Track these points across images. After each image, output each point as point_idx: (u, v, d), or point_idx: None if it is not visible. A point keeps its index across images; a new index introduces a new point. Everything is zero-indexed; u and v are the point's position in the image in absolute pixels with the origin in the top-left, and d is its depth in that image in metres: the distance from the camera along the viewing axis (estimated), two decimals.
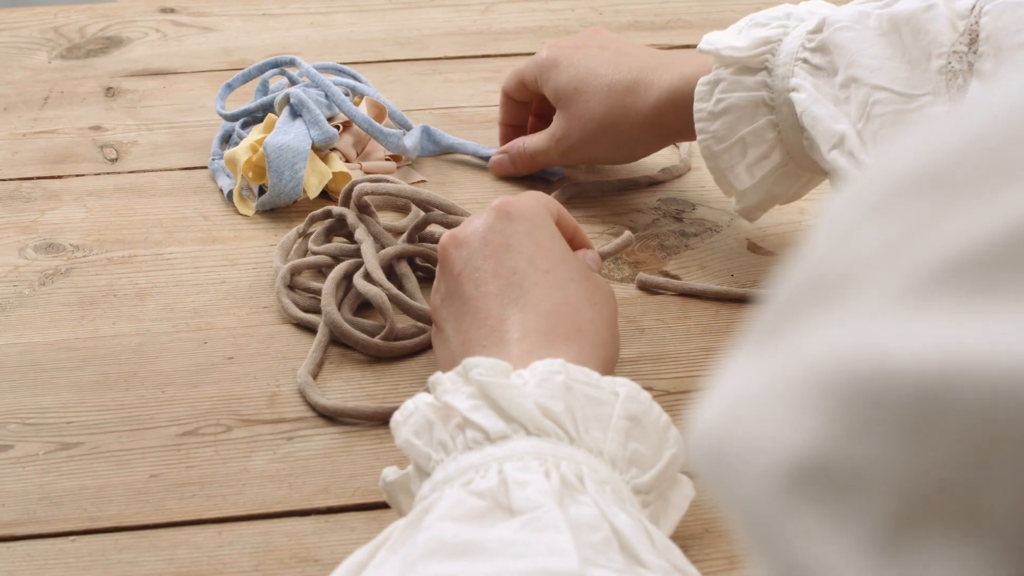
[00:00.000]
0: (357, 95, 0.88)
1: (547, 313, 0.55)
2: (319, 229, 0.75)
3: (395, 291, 0.68)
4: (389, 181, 0.75)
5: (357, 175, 0.82)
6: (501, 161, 0.83)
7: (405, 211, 0.80)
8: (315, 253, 0.73)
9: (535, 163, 0.82)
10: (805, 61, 0.65)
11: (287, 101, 0.83)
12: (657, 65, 0.75)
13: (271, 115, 0.84)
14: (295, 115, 0.82)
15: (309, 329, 0.69)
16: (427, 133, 0.87)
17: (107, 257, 0.76)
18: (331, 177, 0.80)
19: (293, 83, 0.88)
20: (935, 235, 0.21)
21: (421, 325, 0.68)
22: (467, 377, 0.49)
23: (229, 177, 0.83)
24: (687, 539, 0.52)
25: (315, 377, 0.65)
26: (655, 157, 0.87)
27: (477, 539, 0.41)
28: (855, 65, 0.63)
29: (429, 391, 0.50)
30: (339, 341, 0.68)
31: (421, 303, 0.69)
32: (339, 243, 0.75)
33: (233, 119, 0.87)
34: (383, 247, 0.73)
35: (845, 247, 0.23)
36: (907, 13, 0.62)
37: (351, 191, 0.74)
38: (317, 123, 0.81)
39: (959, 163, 0.22)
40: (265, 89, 0.88)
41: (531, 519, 0.42)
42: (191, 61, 1.02)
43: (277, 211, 0.80)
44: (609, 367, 0.56)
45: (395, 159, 0.86)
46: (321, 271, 0.73)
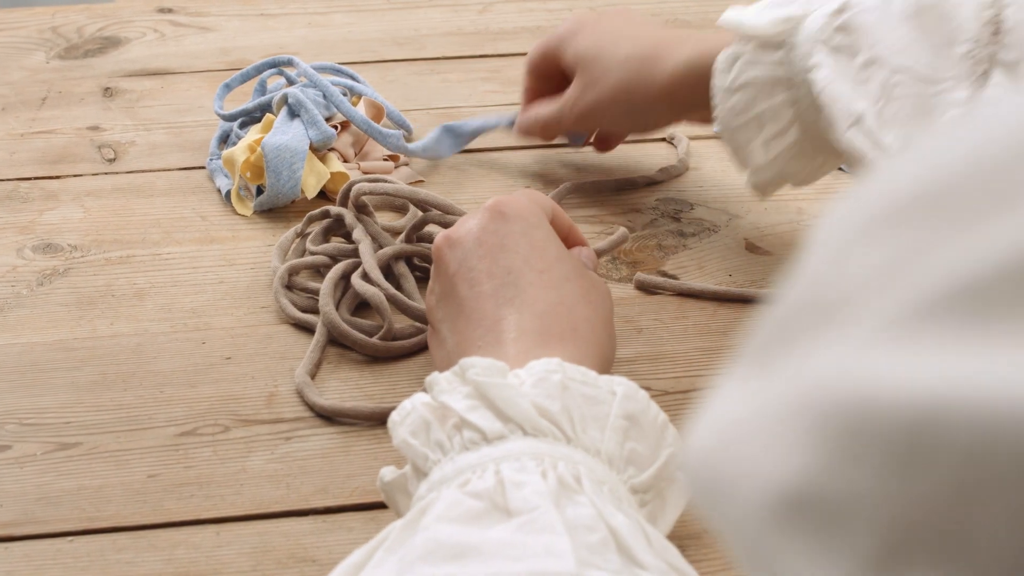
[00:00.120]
0: (355, 95, 0.88)
1: (542, 312, 0.55)
2: (317, 229, 0.75)
3: (393, 291, 0.68)
4: (387, 181, 0.75)
5: (355, 175, 0.82)
6: (521, 127, 0.84)
7: (403, 211, 0.80)
8: (313, 253, 0.73)
9: (548, 128, 0.82)
10: (826, 41, 0.65)
11: (285, 101, 0.83)
12: (677, 39, 0.75)
13: (269, 115, 0.84)
14: (293, 115, 0.82)
15: (307, 329, 0.69)
16: (447, 131, 0.86)
17: (105, 257, 0.76)
18: (329, 177, 0.80)
19: (291, 83, 0.88)
20: (929, 262, 0.21)
21: (419, 325, 0.68)
22: (464, 377, 0.49)
23: (227, 177, 0.83)
24: (685, 539, 0.52)
25: (313, 377, 0.65)
26: (654, 157, 0.87)
27: (474, 541, 0.41)
28: (877, 46, 0.62)
29: (426, 391, 0.50)
30: (337, 341, 0.68)
31: (419, 303, 0.69)
32: (337, 243, 0.75)
33: (231, 119, 0.87)
34: (381, 247, 0.73)
35: (839, 269, 0.23)
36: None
37: (349, 191, 0.74)
38: (315, 123, 0.81)
39: (954, 187, 0.22)
40: (263, 89, 0.88)
41: (528, 520, 0.42)
42: (189, 61, 1.02)
43: (275, 211, 0.80)
44: (606, 365, 0.56)
45: (393, 159, 0.86)
46: (319, 271, 0.73)
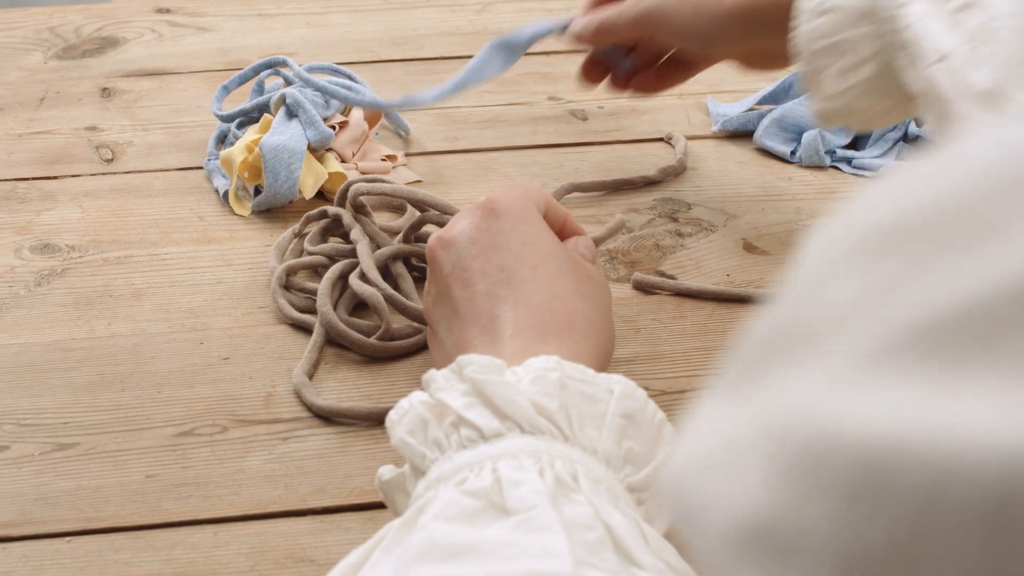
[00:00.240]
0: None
1: (537, 308, 0.55)
2: (315, 229, 0.75)
3: (391, 291, 0.68)
4: (385, 181, 0.75)
5: (353, 175, 0.82)
6: (575, 28, 0.80)
7: (401, 211, 0.80)
8: (311, 253, 0.73)
9: (602, 29, 0.78)
10: None
11: (283, 101, 0.83)
12: None
13: (267, 115, 0.84)
14: (291, 115, 0.82)
15: (305, 329, 0.69)
16: (498, 47, 0.82)
17: (103, 258, 0.76)
18: (327, 177, 0.80)
19: (288, 84, 0.88)
20: (900, 298, 0.21)
21: (417, 325, 0.68)
22: (461, 375, 0.48)
23: (225, 177, 0.83)
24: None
25: (311, 377, 0.65)
26: (651, 156, 0.87)
27: (470, 540, 0.41)
28: None
29: (424, 389, 0.50)
30: (335, 341, 0.68)
31: (417, 303, 0.69)
32: (335, 243, 0.75)
33: (229, 120, 0.87)
34: (379, 247, 0.73)
35: (816, 297, 0.23)
36: None
37: (347, 191, 0.74)
38: (313, 123, 0.81)
39: (929, 221, 0.22)
40: (261, 89, 0.88)
41: (525, 519, 0.42)
42: (187, 61, 1.02)
43: (273, 211, 0.80)
44: (604, 358, 0.56)
45: (391, 159, 0.86)
46: (317, 271, 0.73)
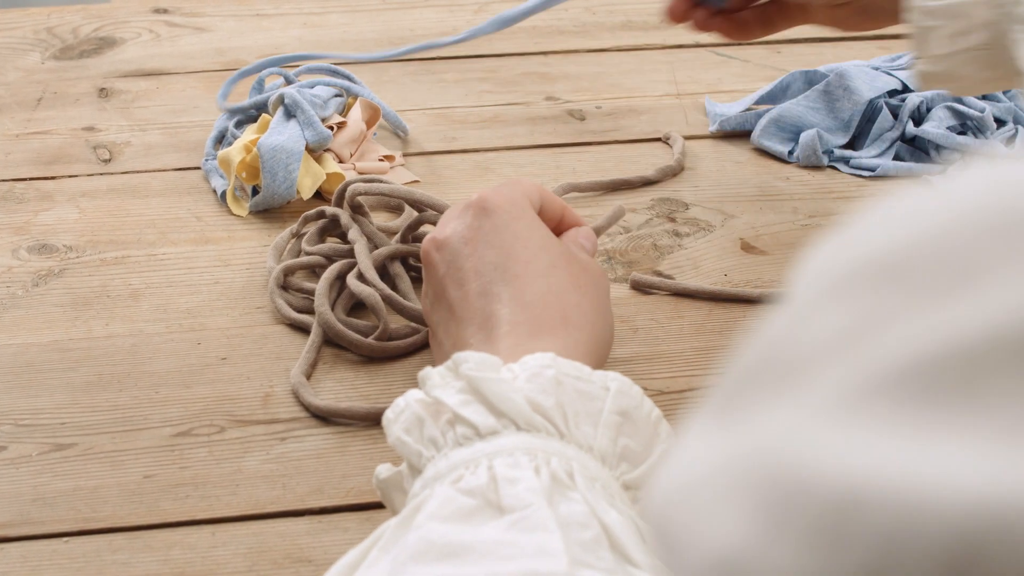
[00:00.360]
0: (351, 96, 0.88)
1: (531, 304, 0.54)
2: (312, 229, 0.75)
3: (388, 291, 0.68)
4: (382, 181, 0.75)
5: (351, 175, 0.82)
6: None
7: (398, 211, 0.80)
8: (308, 253, 0.73)
9: None
10: None
11: (281, 101, 0.83)
12: None
13: (265, 115, 0.84)
14: (289, 116, 0.82)
15: (302, 329, 0.69)
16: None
17: (100, 258, 0.76)
18: (325, 178, 0.80)
19: (289, 83, 0.88)
20: (884, 336, 0.22)
21: (414, 325, 0.68)
22: (457, 372, 0.48)
23: (223, 177, 0.83)
24: None
25: (308, 377, 0.65)
26: (649, 156, 0.87)
27: (466, 540, 0.41)
28: None
29: (420, 386, 0.50)
30: (332, 341, 0.68)
31: (414, 303, 0.69)
32: (332, 243, 0.75)
33: (235, 113, 0.87)
34: (376, 247, 0.73)
35: (801, 329, 0.23)
36: None
37: (344, 191, 0.74)
38: (311, 124, 0.81)
39: (917, 257, 0.22)
40: (260, 87, 0.88)
41: (521, 518, 0.42)
42: (184, 62, 1.02)
43: (270, 211, 0.80)
44: (601, 350, 0.56)
45: (389, 159, 0.86)
46: (314, 271, 0.73)
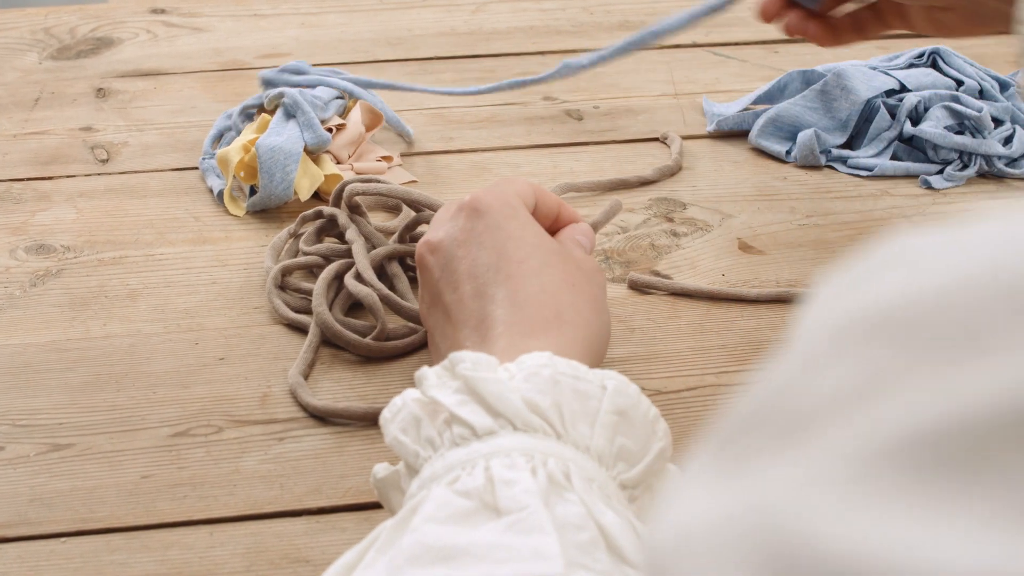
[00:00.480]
0: (352, 99, 0.88)
1: (524, 304, 0.54)
2: (310, 229, 0.75)
3: (386, 291, 0.68)
4: (380, 181, 0.75)
5: (349, 176, 0.82)
6: None
7: (396, 211, 0.80)
8: (306, 253, 0.73)
9: None
10: None
11: (279, 99, 0.83)
12: None
13: (265, 115, 0.84)
14: (289, 116, 0.82)
15: (300, 330, 0.69)
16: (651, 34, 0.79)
17: (98, 258, 0.76)
18: (323, 180, 0.80)
19: (310, 86, 0.87)
20: (890, 399, 0.21)
21: (412, 326, 0.68)
22: (453, 372, 0.48)
23: (219, 177, 0.83)
24: None
25: (306, 378, 0.65)
26: (647, 156, 0.87)
27: (462, 543, 0.41)
28: None
29: (416, 386, 0.50)
30: (330, 341, 0.68)
31: (412, 303, 0.69)
32: (330, 243, 0.75)
33: (272, 85, 0.87)
34: (374, 247, 0.73)
35: (805, 380, 0.23)
36: None
37: (342, 191, 0.74)
38: (311, 126, 0.81)
39: (926, 316, 0.22)
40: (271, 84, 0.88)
41: (517, 520, 0.42)
42: (182, 62, 1.02)
43: (268, 211, 0.80)
44: (597, 347, 0.56)
45: (386, 159, 0.86)
46: (312, 271, 0.73)
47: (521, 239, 0.57)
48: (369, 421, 0.62)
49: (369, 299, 0.67)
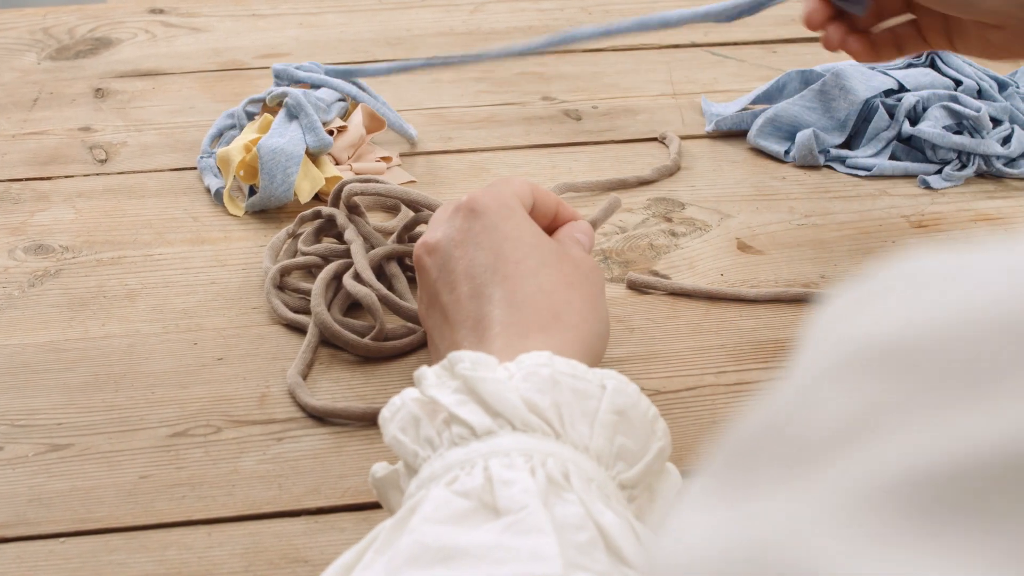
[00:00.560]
0: (353, 102, 0.88)
1: (521, 304, 0.54)
2: (309, 230, 0.75)
3: (385, 291, 0.68)
4: (379, 181, 0.75)
5: (348, 176, 0.82)
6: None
7: (394, 211, 0.80)
8: (304, 254, 0.73)
9: None
10: None
11: (282, 97, 0.83)
12: None
13: (267, 115, 0.84)
14: (291, 117, 0.82)
15: (299, 330, 0.69)
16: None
17: (96, 258, 0.76)
18: (324, 183, 0.80)
19: (316, 86, 0.87)
20: (893, 436, 0.21)
21: (411, 326, 0.68)
22: (453, 371, 0.48)
23: (217, 176, 0.83)
24: None
25: (305, 378, 0.65)
26: (645, 156, 0.87)
27: (460, 544, 0.41)
28: None
29: (415, 385, 0.50)
30: (329, 342, 0.68)
31: (411, 303, 0.69)
32: (329, 243, 0.75)
33: (287, 79, 0.87)
34: (373, 247, 0.73)
35: (808, 408, 0.23)
36: None
37: (340, 191, 0.74)
38: (313, 129, 0.81)
39: (931, 350, 0.22)
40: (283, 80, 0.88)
41: (516, 520, 0.42)
42: (180, 62, 1.02)
43: (267, 212, 0.80)
44: (595, 345, 0.56)
45: (385, 160, 0.86)
46: (311, 272, 0.73)
47: (518, 239, 0.57)
48: (368, 421, 0.62)
49: (368, 299, 0.67)
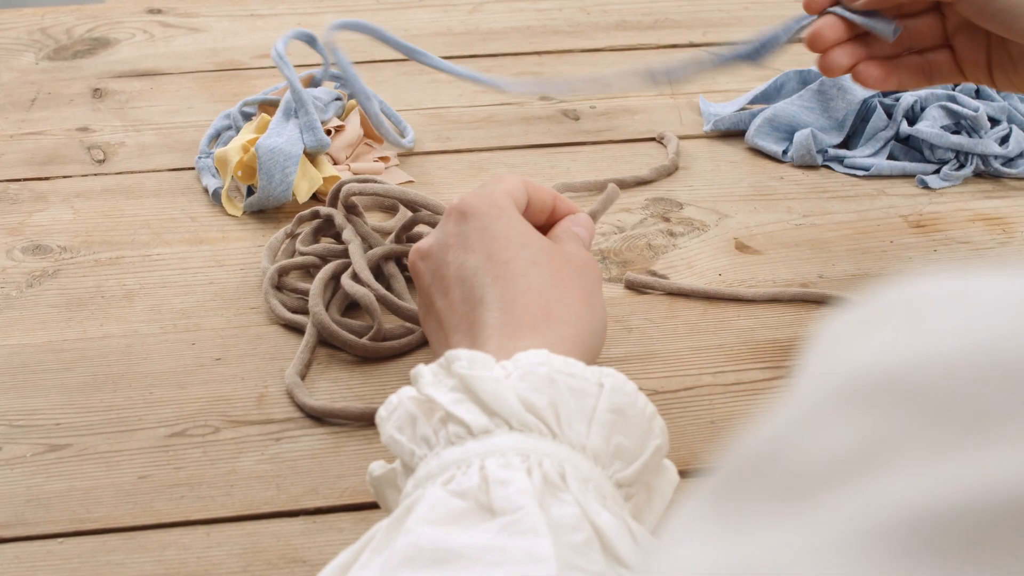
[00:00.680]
0: (351, 100, 0.88)
1: (511, 305, 0.54)
2: (307, 230, 0.75)
3: (383, 291, 0.68)
4: (377, 181, 0.75)
5: (346, 176, 0.82)
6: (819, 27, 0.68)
7: (392, 211, 0.80)
8: (303, 254, 0.73)
9: None
10: None
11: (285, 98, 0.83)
12: None
13: (264, 115, 0.84)
14: (289, 116, 0.82)
15: (297, 330, 0.69)
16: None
17: (94, 258, 0.76)
18: (321, 183, 0.80)
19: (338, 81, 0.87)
20: (892, 471, 0.21)
21: (409, 326, 0.68)
22: (449, 370, 0.48)
23: (215, 176, 0.83)
24: None
25: (303, 378, 0.65)
26: (643, 156, 0.87)
27: (455, 545, 0.41)
28: None
29: (412, 383, 0.50)
30: (327, 342, 0.68)
31: (409, 303, 0.69)
32: (327, 244, 0.75)
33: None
34: (371, 248, 0.73)
35: (807, 435, 0.23)
36: None
37: (338, 191, 0.74)
38: (312, 128, 0.81)
39: (933, 385, 0.21)
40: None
41: (511, 521, 0.42)
42: (178, 62, 1.02)
43: (265, 212, 0.80)
44: (590, 340, 0.55)
45: (383, 160, 0.86)
46: (309, 272, 0.73)
47: (507, 239, 0.57)
48: (366, 421, 0.62)
49: (366, 299, 0.67)
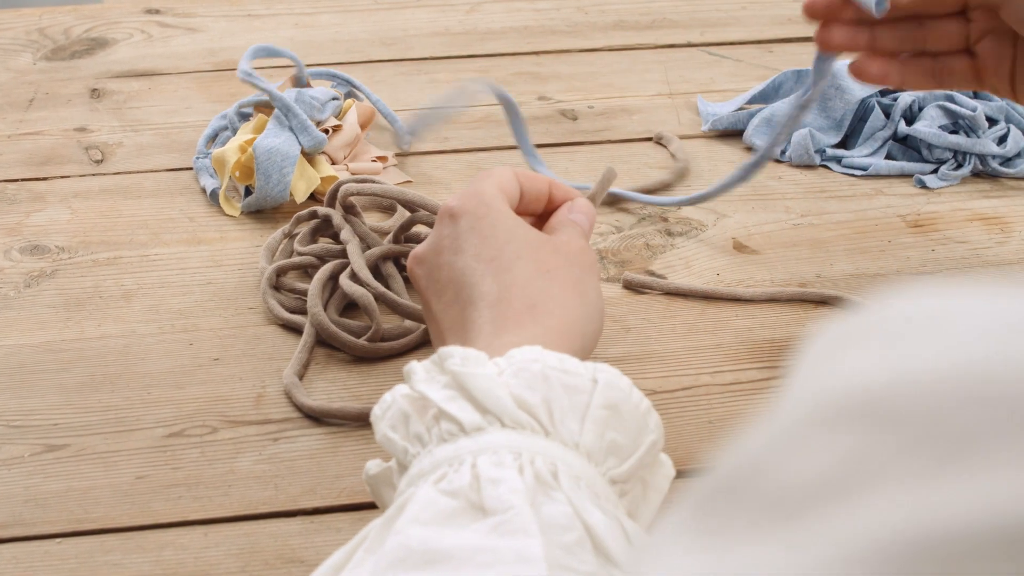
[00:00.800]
0: (348, 99, 0.88)
1: (496, 302, 0.54)
2: (305, 230, 0.75)
3: (382, 290, 0.68)
4: (375, 182, 0.75)
5: (344, 176, 0.82)
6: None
7: (391, 211, 0.80)
8: (301, 254, 0.73)
9: None
10: None
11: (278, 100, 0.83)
12: None
13: (261, 116, 0.84)
14: (283, 122, 0.82)
15: (295, 330, 0.69)
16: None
17: (92, 259, 0.76)
18: (319, 183, 0.80)
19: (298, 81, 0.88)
20: (875, 494, 0.21)
21: (407, 326, 0.68)
22: (442, 367, 0.48)
23: (213, 177, 0.83)
24: None
25: (301, 378, 0.65)
26: (641, 156, 0.87)
27: (444, 547, 0.41)
28: None
29: (405, 381, 0.50)
30: (325, 342, 0.68)
31: (408, 302, 0.69)
32: (325, 244, 0.75)
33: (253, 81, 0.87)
34: (369, 248, 0.73)
35: (790, 453, 0.23)
36: None
37: (337, 191, 0.74)
38: (305, 129, 0.81)
39: (919, 409, 0.21)
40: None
41: (502, 521, 0.41)
42: (176, 62, 1.02)
43: (263, 212, 0.80)
44: (582, 329, 0.55)
45: (381, 160, 0.86)
46: (307, 272, 0.73)
47: (492, 236, 0.56)
48: (364, 421, 0.62)
49: (364, 299, 0.67)
